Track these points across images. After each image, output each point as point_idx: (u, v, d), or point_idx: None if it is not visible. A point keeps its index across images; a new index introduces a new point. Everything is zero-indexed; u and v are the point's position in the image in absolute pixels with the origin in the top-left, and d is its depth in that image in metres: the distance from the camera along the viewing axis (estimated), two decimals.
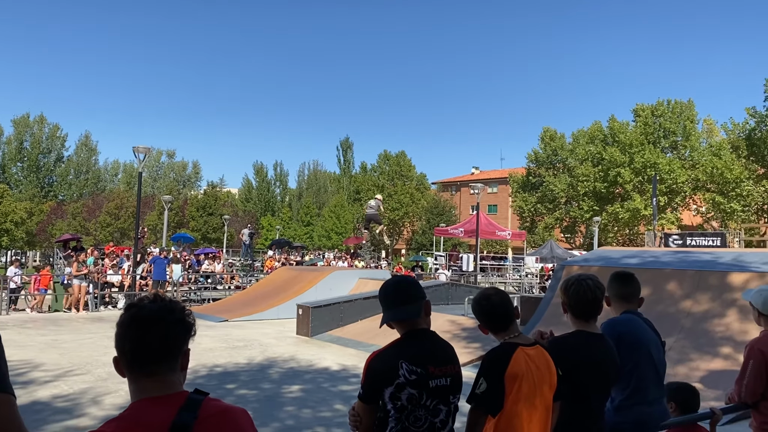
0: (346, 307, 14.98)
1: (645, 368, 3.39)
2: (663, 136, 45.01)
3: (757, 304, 3.75)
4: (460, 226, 37.96)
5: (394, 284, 2.67)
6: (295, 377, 10.07)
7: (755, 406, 3.69)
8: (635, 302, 3.65)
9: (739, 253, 12.53)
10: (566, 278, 3.23)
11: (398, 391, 2.42)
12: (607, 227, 45.99)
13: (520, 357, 2.68)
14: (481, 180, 60.70)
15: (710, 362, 8.77)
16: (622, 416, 3.33)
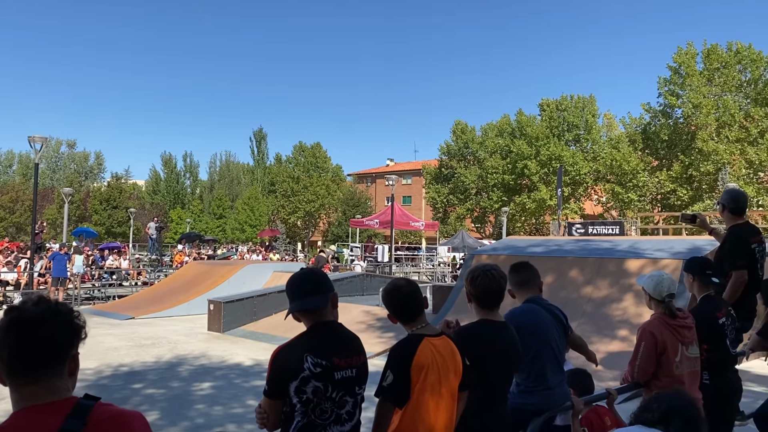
0: (260, 301, 14.74)
1: (545, 355, 3.52)
2: (567, 129, 47.10)
3: (648, 289, 3.98)
4: (376, 217, 38.21)
5: (299, 276, 2.65)
6: (206, 374, 9.81)
7: (647, 385, 3.93)
8: (534, 288, 3.77)
9: (634, 240, 13.31)
10: (471, 269, 3.29)
11: (303, 384, 2.40)
12: (515, 217, 47.72)
13: (426, 348, 2.71)
14: (395, 172, 61.43)
15: (609, 344, 9.29)
16: (526, 399, 3.46)
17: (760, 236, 4.78)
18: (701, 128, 37.25)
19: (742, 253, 4.62)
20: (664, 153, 40.29)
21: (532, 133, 46.46)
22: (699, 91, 37.21)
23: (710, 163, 36.49)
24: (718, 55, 37.62)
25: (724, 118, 36.52)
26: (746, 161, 36.22)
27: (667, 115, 39.77)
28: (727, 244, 4.76)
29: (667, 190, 39.20)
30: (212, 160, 77.96)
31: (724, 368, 4.22)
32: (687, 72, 38.06)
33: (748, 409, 5.15)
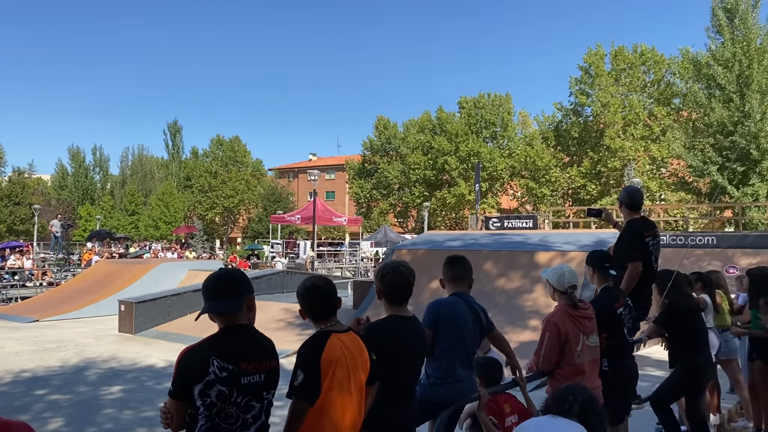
0: (174, 301, 14.31)
1: (458, 348, 3.61)
2: (484, 126, 48.32)
3: (552, 281, 4.14)
4: (297, 213, 37.86)
5: (216, 277, 2.58)
6: (116, 377, 9.44)
7: (551, 374, 4.09)
8: (464, 284, 3.88)
9: (545, 234, 13.86)
10: (381, 266, 3.33)
11: (208, 388, 2.35)
12: (437, 212, 48.58)
13: (334, 343, 2.71)
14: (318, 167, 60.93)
15: (521, 334, 9.62)
16: (435, 391, 3.53)
17: (655, 230, 5.07)
18: (609, 126, 39.14)
19: (637, 246, 4.88)
20: (574, 150, 42.08)
21: (451, 130, 47.37)
22: (607, 90, 39.06)
23: (617, 159, 38.42)
24: (625, 56, 39.61)
25: (630, 116, 38.53)
26: (650, 158, 38.39)
27: (577, 113, 41.53)
28: (623, 237, 5.03)
29: (578, 185, 40.97)
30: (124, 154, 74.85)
31: (621, 355, 4.45)
32: (596, 72, 39.85)
33: (647, 392, 5.47)
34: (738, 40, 26.77)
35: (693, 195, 30.79)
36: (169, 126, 73.29)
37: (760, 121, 25.74)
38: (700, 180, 29.42)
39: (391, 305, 3.25)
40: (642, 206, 5.22)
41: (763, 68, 26.06)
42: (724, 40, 27.37)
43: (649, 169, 38.23)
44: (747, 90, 26.31)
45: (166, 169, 70.84)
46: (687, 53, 31.28)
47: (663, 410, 5.19)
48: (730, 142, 26.62)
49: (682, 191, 31.98)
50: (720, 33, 27.65)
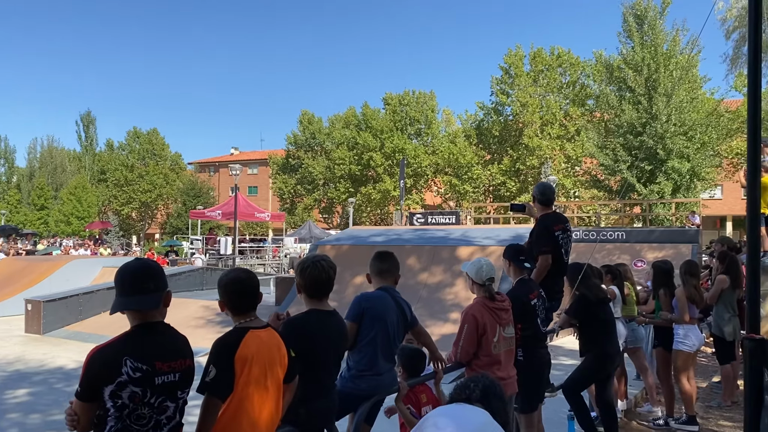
0: (86, 299, 13.67)
1: (381, 342, 3.64)
2: (409, 123, 48.86)
3: (471, 274, 4.25)
4: (218, 208, 36.94)
5: (132, 270, 2.46)
6: (22, 380, 8.93)
7: (469, 365, 4.19)
8: (391, 279, 3.93)
9: (466, 229, 14.18)
10: (301, 260, 3.32)
11: (120, 389, 2.25)
12: (362, 207, 48.74)
13: (250, 340, 2.67)
14: (240, 161, 59.73)
15: (442, 327, 9.81)
16: (356, 384, 3.55)
17: (565, 225, 5.30)
18: (528, 125, 40.49)
19: (546, 240, 5.10)
20: (495, 148, 43.27)
21: (377, 126, 47.61)
22: (526, 90, 40.38)
23: (535, 157, 39.81)
24: (543, 58, 41.06)
25: (547, 116, 40.00)
26: (565, 156, 40.02)
27: (498, 112, 42.70)
28: (535, 232, 5.25)
29: (498, 182, 42.16)
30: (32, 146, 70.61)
31: (535, 345, 4.63)
32: (516, 73, 41.10)
33: (560, 381, 5.70)
34: (647, 45, 28.30)
35: (605, 192, 32.33)
36: (82, 117, 69.80)
37: (666, 123, 27.34)
38: (611, 178, 30.92)
39: (311, 299, 3.24)
40: (554, 202, 5.44)
41: (668, 72, 27.66)
42: (634, 45, 28.85)
43: (564, 168, 39.85)
44: (654, 93, 27.87)
45: (78, 162, 67.50)
46: (600, 57, 32.82)
47: (574, 397, 5.43)
48: (638, 142, 28.12)
49: (595, 189, 33.52)
50: (630, 38, 29.14)
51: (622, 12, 29.33)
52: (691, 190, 28.80)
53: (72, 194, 57.20)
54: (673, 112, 27.33)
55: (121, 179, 58.11)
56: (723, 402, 7.12)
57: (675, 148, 27.32)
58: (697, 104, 28.31)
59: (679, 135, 27.42)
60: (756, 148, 4.15)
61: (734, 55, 26.72)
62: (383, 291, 3.84)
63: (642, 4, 28.54)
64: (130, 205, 58.44)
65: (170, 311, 2.56)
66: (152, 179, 58.06)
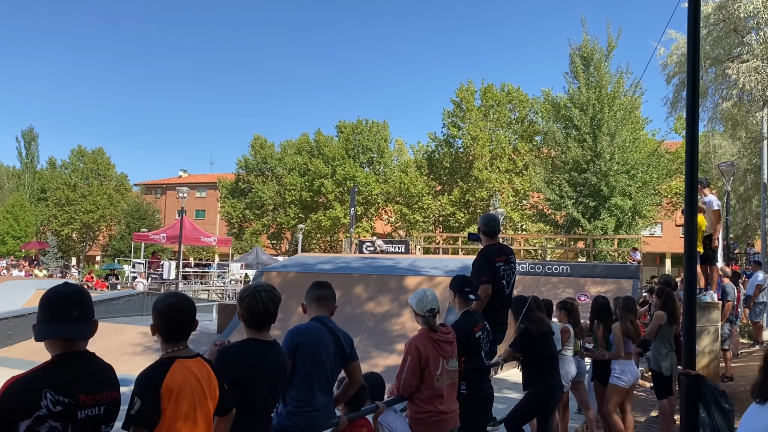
0: (17, 323, 13.01)
1: (317, 376, 3.51)
2: (362, 152, 49.11)
3: (413, 305, 4.20)
4: (163, 231, 36.10)
5: (62, 294, 2.30)
6: None
7: (410, 398, 4.12)
8: (326, 309, 3.77)
9: (414, 259, 14.20)
10: (243, 289, 3.22)
11: (37, 424, 2.08)
12: (311, 234, 48.41)
13: (177, 370, 2.54)
14: (188, 184, 58.62)
15: (387, 358, 9.71)
16: (292, 420, 3.41)
17: (508, 256, 5.35)
18: (477, 158, 41.25)
19: (486, 270, 5.14)
20: (446, 179, 43.84)
21: (329, 153, 47.65)
22: (476, 124, 41.23)
23: (484, 189, 40.50)
24: (493, 93, 42.10)
25: (497, 150, 40.88)
26: (513, 189, 40.85)
27: (449, 144, 43.40)
28: (475, 262, 5.29)
29: (448, 212, 42.62)
30: None
31: (479, 378, 4.59)
32: (467, 107, 41.96)
33: (503, 414, 5.68)
34: (592, 85, 29.35)
35: (551, 226, 33.06)
36: (24, 133, 67.54)
37: (609, 161, 28.26)
38: (557, 213, 31.65)
39: (250, 329, 3.13)
40: (498, 233, 5.49)
41: (612, 113, 28.71)
42: (579, 85, 29.89)
43: (512, 201, 40.64)
44: (599, 132, 28.83)
45: (17, 179, 64.98)
46: (548, 95, 33.85)
47: (516, 431, 5.41)
48: (583, 179, 28.95)
49: (541, 222, 34.24)
50: (576, 78, 30.17)
51: (570, 53, 30.38)
52: (633, 226, 29.73)
53: (9, 212, 54.90)
54: (616, 151, 28.29)
55: (62, 198, 56.15)
56: None
57: (618, 185, 28.23)
58: (639, 144, 29.42)
59: (621, 173, 28.36)
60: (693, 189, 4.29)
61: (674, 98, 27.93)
62: (317, 322, 3.70)
63: (588, 47, 29.65)
64: (70, 225, 56.43)
65: (106, 337, 2.44)
66: (95, 199, 56.33)
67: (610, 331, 6.62)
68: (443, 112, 43.15)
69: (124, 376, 2.68)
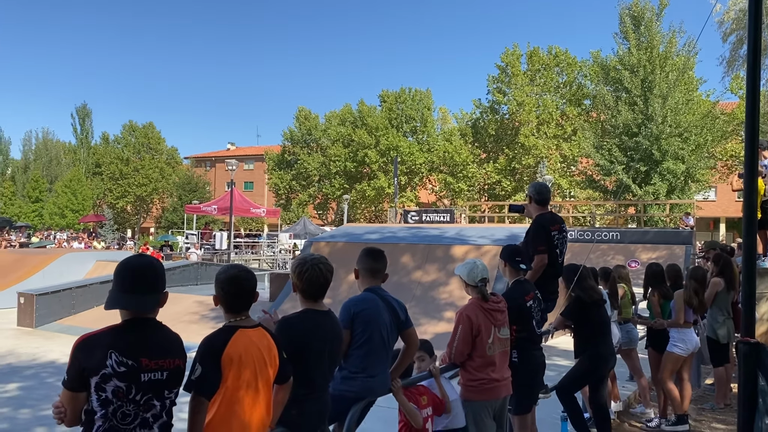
0: (80, 293, 13.61)
1: (374, 345, 3.60)
2: (405, 121, 48.84)
3: (463, 276, 4.22)
4: (214, 203, 36.90)
5: (136, 267, 2.42)
6: (13, 374, 8.89)
7: (462, 366, 4.17)
8: (380, 278, 3.84)
9: (461, 228, 14.17)
10: (299, 262, 3.26)
11: (104, 381, 2.22)
12: (356, 204, 48.72)
13: (239, 339, 2.63)
14: (236, 156, 59.60)
15: (436, 326, 9.80)
16: (348, 385, 3.52)
17: (561, 225, 5.28)
18: (524, 124, 40.53)
19: (542, 240, 5.08)
20: (491, 146, 43.29)
21: (372, 123, 47.56)
22: (523, 89, 40.40)
23: (531, 156, 39.85)
24: (540, 57, 41.07)
25: (544, 115, 40.04)
26: (561, 156, 40.07)
27: (494, 110, 42.72)
28: (530, 231, 5.22)
29: (493, 180, 42.19)
30: (26, 138, 70.21)
31: (530, 347, 4.60)
32: (513, 71, 41.10)
33: (554, 382, 5.69)
34: (643, 46, 28.32)
35: (600, 193, 32.39)
36: (78, 110, 69.36)
37: (662, 124, 27.39)
38: (606, 178, 30.98)
39: (307, 300, 3.21)
40: (549, 201, 5.41)
41: (664, 74, 27.70)
42: (630, 46, 28.88)
43: (560, 167, 39.90)
44: (650, 94, 27.90)
45: (73, 154, 67.14)
46: (597, 57, 32.84)
47: (568, 398, 5.42)
48: (634, 143, 28.17)
49: (590, 189, 33.58)
50: (626, 39, 29.16)
51: (619, 13, 29.35)
52: (686, 191, 28.89)
53: (67, 187, 56.93)
54: (668, 113, 27.38)
55: (116, 172, 57.88)
56: (716, 404, 7.13)
57: (670, 149, 27.39)
58: (693, 106, 28.38)
59: (674, 136, 27.48)
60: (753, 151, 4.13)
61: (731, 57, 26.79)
62: (371, 293, 3.77)
63: (639, 6, 28.55)
64: (125, 198, 58.23)
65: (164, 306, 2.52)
66: (148, 173, 57.85)
67: (665, 298, 6.52)
68: (488, 77, 42.46)
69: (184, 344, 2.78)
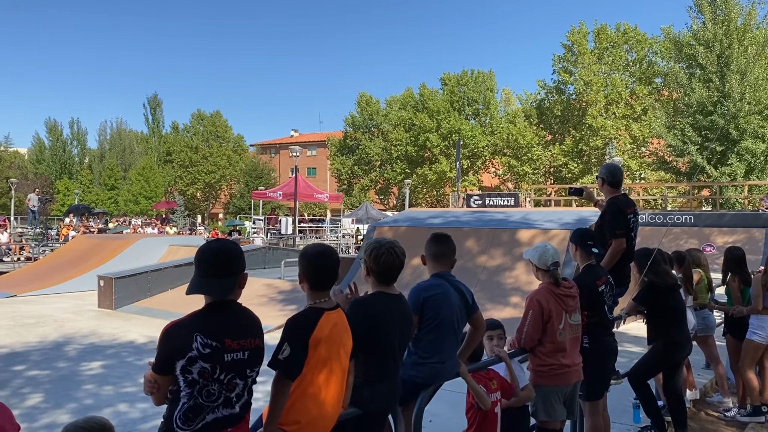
0: (155, 277, 14.18)
1: (443, 330, 3.60)
2: (467, 104, 48.24)
3: (534, 260, 4.15)
4: (279, 189, 37.63)
5: (216, 252, 2.49)
6: (96, 353, 9.37)
7: (533, 351, 4.12)
8: (447, 263, 3.83)
9: (527, 212, 13.93)
10: (374, 245, 3.27)
11: (190, 364, 2.32)
12: (418, 189, 48.63)
13: (324, 322, 2.68)
14: (300, 143, 60.60)
15: (502, 311, 9.69)
16: (417, 371, 3.53)
17: (635, 208, 5.13)
18: (591, 105, 39.30)
19: (620, 223, 4.92)
20: (557, 128, 42.23)
21: (433, 107, 47.22)
22: (590, 68, 39.13)
23: (599, 138, 38.65)
24: (608, 35, 39.63)
25: (612, 95, 38.69)
26: (631, 136, 38.68)
27: (560, 91, 41.58)
28: (607, 214, 5.06)
29: (560, 163, 41.19)
30: (102, 128, 73.38)
31: (602, 332, 4.50)
32: (579, 50, 39.85)
33: (625, 368, 5.55)
34: (719, 19, 26.88)
35: (672, 174, 31.14)
36: (149, 100, 72.06)
37: (739, 102, 26.00)
38: (679, 159, 29.75)
39: (380, 284, 3.23)
40: (622, 184, 5.25)
41: (743, 48, 26.24)
42: (705, 20, 27.47)
43: (629, 148, 38.55)
44: (727, 70, 26.51)
45: (145, 143, 69.84)
46: (669, 33, 31.40)
47: (641, 385, 5.28)
48: (709, 122, 26.88)
49: (662, 170, 32.32)
50: (701, 12, 27.75)
51: None
52: (766, 171, 27.39)
53: (140, 175, 59.37)
54: (747, 90, 25.95)
55: (186, 160, 59.92)
56: None
57: (749, 127, 25.99)
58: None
59: (753, 114, 26.05)
60: None
61: None
62: (439, 278, 3.77)
63: None
64: (194, 185, 60.25)
65: None
66: (216, 160, 59.61)
67: (745, 283, 6.22)
68: (553, 57, 41.32)
69: None
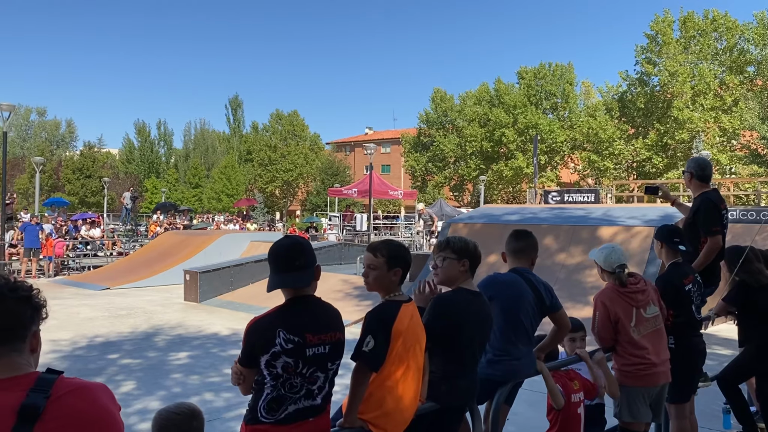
0: (237, 271, 14.70)
1: (517, 327, 3.56)
2: (544, 98, 47.13)
3: (599, 262, 4.04)
4: (354, 186, 38.09)
5: (286, 247, 2.56)
6: (183, 344, 9.82)
7: (614, 350, 4.01)
8: (527, 260, 3.79)
9: (608, 208, 13.49)
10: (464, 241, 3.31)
11: (274, 359, 2.39)
12: (493, 185, 47.98)
13: (403, 315, 2.72)
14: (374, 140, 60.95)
15: (582, 310, 9.43)
16: (493, 369, 3.51)
17: (725, 203, 4.87)
18: (677, 96, 37.53)
19: (716, 219, 4.68)
20: (640, 121, 40.60)
21: (509, 102, 46.43)
22: (675, 59, 37.38)
23: (685, 131, 36.87)
24: (695, 22, 37.73)
25: (700, 86, 36.80)
26: (720, 129, 36.67)
27: (643, 83, 39.96)
28: (701, 210, 4.78)
29: (643, 158, 39.60)
30: (186, 128, 76.89)
31: (689, 332, 4.32)
32: (664, 40, 38.14)
33: (714, 371, 5.31)
34: None
35: (766, 168, 29.32)
36: (231, 101, 74.71)
37: None
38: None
39: None
40: (711, 178, 5.00)
41: None
42: None
43: (719, 142, 36.56)
44: None
45: (227, 143, 72.42)
46: (762, 18, 29.51)
47: (731, 390, 5.03)
48: None
49: (755, 164, 30.49)
50: None
51: None
52: None
53: (222, 173, 61.67)
54: None
55: (265, 159, 61.71)
56: None
57: None
58: None
59: None
60: None
61: None
62: (515, 273, 3.72)
63: None
64: (273, 183, 61.94)
65: None
66: (293, 159, 61.07)
67: None
68: (636, 48, 39.82)
69: None
